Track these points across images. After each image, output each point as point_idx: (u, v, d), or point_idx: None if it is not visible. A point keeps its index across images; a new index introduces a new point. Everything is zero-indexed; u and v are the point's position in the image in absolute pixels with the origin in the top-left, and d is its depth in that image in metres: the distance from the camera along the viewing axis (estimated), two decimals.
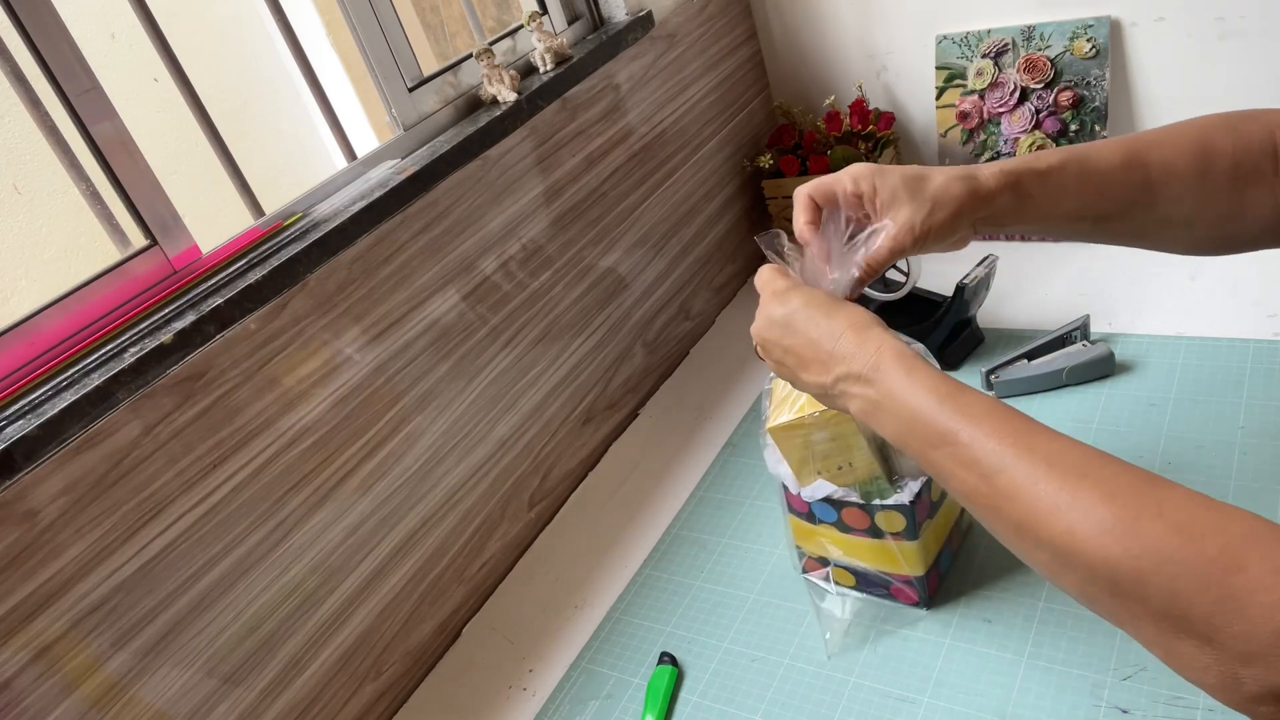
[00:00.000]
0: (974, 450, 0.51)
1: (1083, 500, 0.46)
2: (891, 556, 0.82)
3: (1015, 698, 0.74)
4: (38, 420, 0.66)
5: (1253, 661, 0.40)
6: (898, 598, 0.85)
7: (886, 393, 0.57)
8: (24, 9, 0.72)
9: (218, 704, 0.79)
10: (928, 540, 0.81)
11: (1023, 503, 0.48)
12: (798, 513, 0.85)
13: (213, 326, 0.76)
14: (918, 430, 0.55)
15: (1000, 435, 0.51)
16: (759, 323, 0.68)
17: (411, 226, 0.94)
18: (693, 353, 1.36)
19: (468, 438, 1.02)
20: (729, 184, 1.44)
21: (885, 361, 0.58)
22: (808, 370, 0.63)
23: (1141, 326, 1.07)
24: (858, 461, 0.77)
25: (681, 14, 1.32)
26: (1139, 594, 0.43)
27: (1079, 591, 0.47)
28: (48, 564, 0.68)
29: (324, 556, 0.88)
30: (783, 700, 0.80)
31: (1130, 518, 0.44)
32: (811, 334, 0.63)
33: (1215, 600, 0.40)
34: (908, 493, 0.78)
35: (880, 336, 0.60)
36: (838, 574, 0.87)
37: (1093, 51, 1.23)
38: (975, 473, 0.51)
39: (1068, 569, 0.46)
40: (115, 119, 0.78)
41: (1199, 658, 0.42)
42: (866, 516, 0.80)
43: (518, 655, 0.96)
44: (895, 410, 0.57)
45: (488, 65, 1.06)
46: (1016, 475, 0.49)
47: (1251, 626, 0.39)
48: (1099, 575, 0.44)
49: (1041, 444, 0.49)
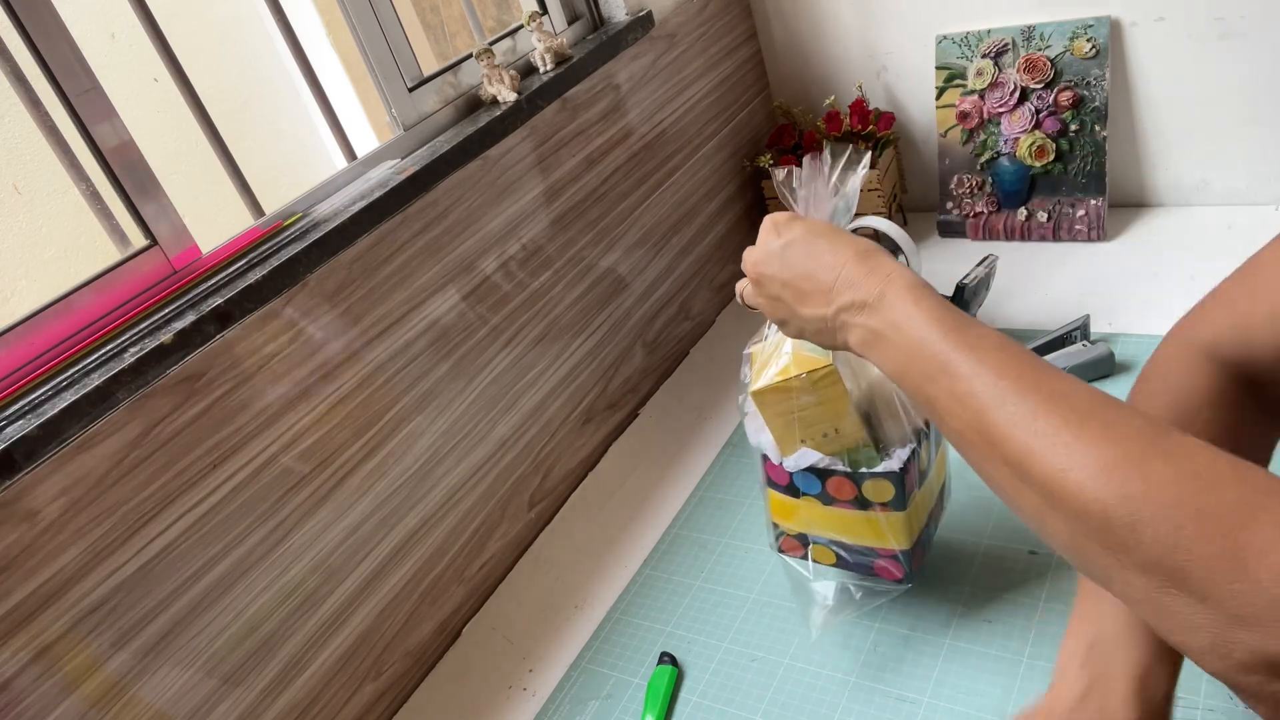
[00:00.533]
0: (973, 384, 0.48)
1: (1084, 439, 0.43)
2: (878, 529, 0.77)
3: (1015, 698, 0.74)
4: (38, 420, 0.66)
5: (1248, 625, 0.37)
6: (881, 575, 0.81)
7: (890, 322, 0.54)
8: (24, 9, 0.72)
9: (218, 704, 0.79)
10: (915, 511, 0.77)
11: (1018, 440, 0.45)
12: (777, 486, 0.80)
13: (213, 326, 0.76)
14: (918, 362, 0.52)
15: (1003, 370, 0.48)
16: (755, 255, 0.64)
17: (411, 226, 0.94)
18: (693, 353, 1.36)
19: (467, 438, 1.02)
20: (729, 184, 1.44)
21: (892, 290, 0.55)
22: (806, 303, 0.60)
23: (1141, 326, 1.07)
24: (844, 427, 0.73)
25: (681, 14, 1.32)
26: (1132, 540, 0.40)
27: (1066, 540, 0.44)
28: (48, 564, 0.68)
29: (324, 556, 0.88)
30: (783, 700, 0.80)
31: (1135, 458, 0.41)
32: (812, 264, 0.60)
33: (1219, 554, 0.37)
34: (896, 460, 0.74)
35: (888, 265, 0.56)
36: (818, 552, 0.83)
37: (1093, 51, 1.23)
38: (971, 407, 0.48)
39: (1057, 512, 0.43)
40: (115, 119, 0.78)
41: (1190, 617, 0.39)
42: (854, 486, 0.75)
43: (518, 655, 0.96)
44: (897, 341, 0.53)
45: (488, 65, 1.06)
46: (1016, 412, 0.46)
47: (1253, 587, 0.37)
48: (1091, 519, 0.41)
49: (1047, 382, 0.46)
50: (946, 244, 1.39)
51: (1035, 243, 1.32)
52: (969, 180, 1.36)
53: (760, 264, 0.63)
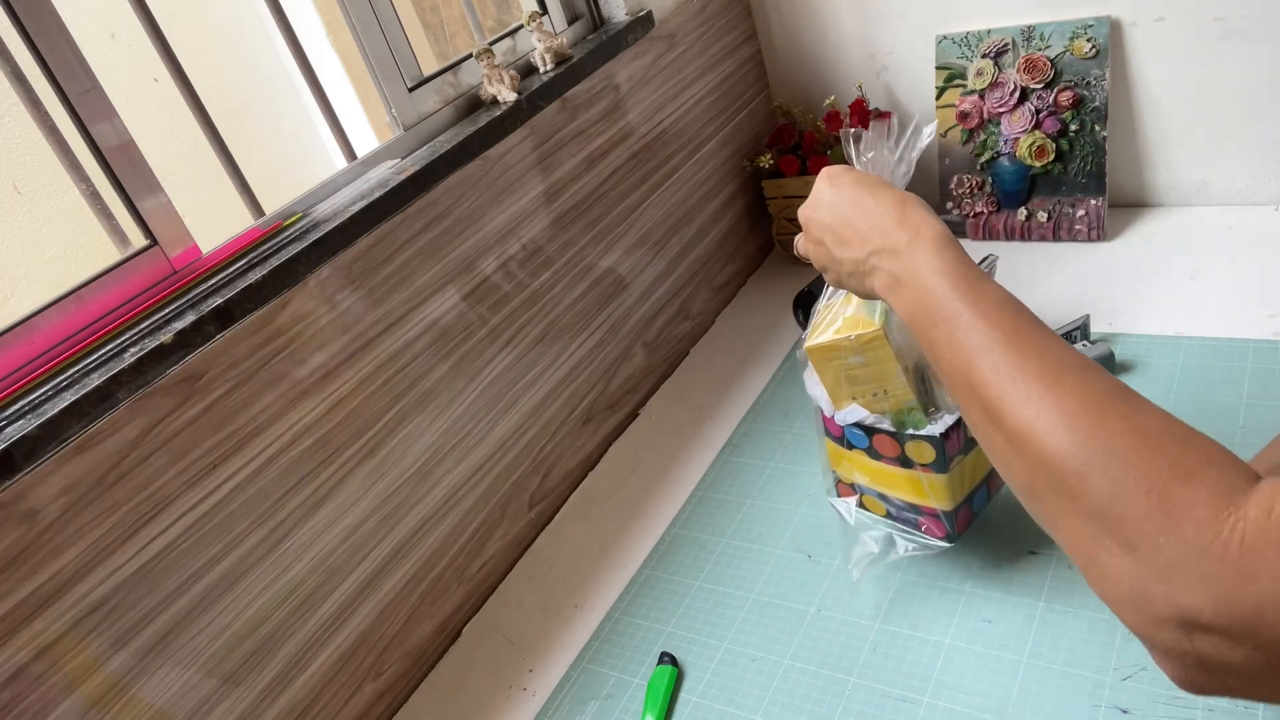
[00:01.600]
0: (967, 331, 0.52)
1: (1055, 392, 0.46)
2: (920, 488, 0.81)
3: (1015, 698, 0.74)
4: (38, 420, 0.66)
5: (1168, 577, 0.39)
6: (926, 531, 0.84)
7: (910, 269, 0.58)
8: (24, 9, 0.72)
9: (218, 704, 0.79)
10: (959, 475, 0.80)
11: (997, 386, 0.49)
12: (832, 436, 0.84)
13: (213, 326, 0.76)
14: (927, 307, 0.56)
15: (997, 322, 0.51)
16: (807, 203, 0.69)
17: (411, 226, 0.94)
18: (693, 353, 1.36)
19: (468, 438, 1.02)
20: (729, 184, 1.44)
21: (919, 240, 0.59)
22: (845, 247, 0.64)
23: (1141, 326, 1.07)
24: (892, 389, 0.77)
25: (681, 14, 1.32)
26: (1080, 488, 0.43)
27: (1024, 481, 0.47)
28: (48, 564, 0.68)
29: (324, 556, 0.88)
30: (783, 700, 0.80)
31: (1097, 414, 0.44)
32: (854, 212, 0.64)
33: (1154, 505, 0.40)
34: (941, 424, 0.77)
35: (921, 215, 0.60)
36: (869, 502, 0.86)
37: (1093, 51, 1.23)
38: (962, 352, 0.52)
39: (1022, 454, 0.46)
40: (115, 119, 0.78)
41: (1115, 566, 0.41)
42: (897, 445, 0.79)
43: (518, 655, 0.96)
44: (913, 286, 0.57)
45: (488, 65, 1.06)
46: (999, 360, 0.50)
47: (1178, 539, 0.39)
48: (1048, 464, 0.44)
49: (1035, 339, 0.50)
50: None
51: (1035, 243, 1.32)
52: (969, 180, 1.36)
53: (810, 209, 0.68)
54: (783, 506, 1.01)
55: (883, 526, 0.87)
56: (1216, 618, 0.38)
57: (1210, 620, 0.38)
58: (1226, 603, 0.37)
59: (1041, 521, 0.47)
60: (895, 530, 0.86)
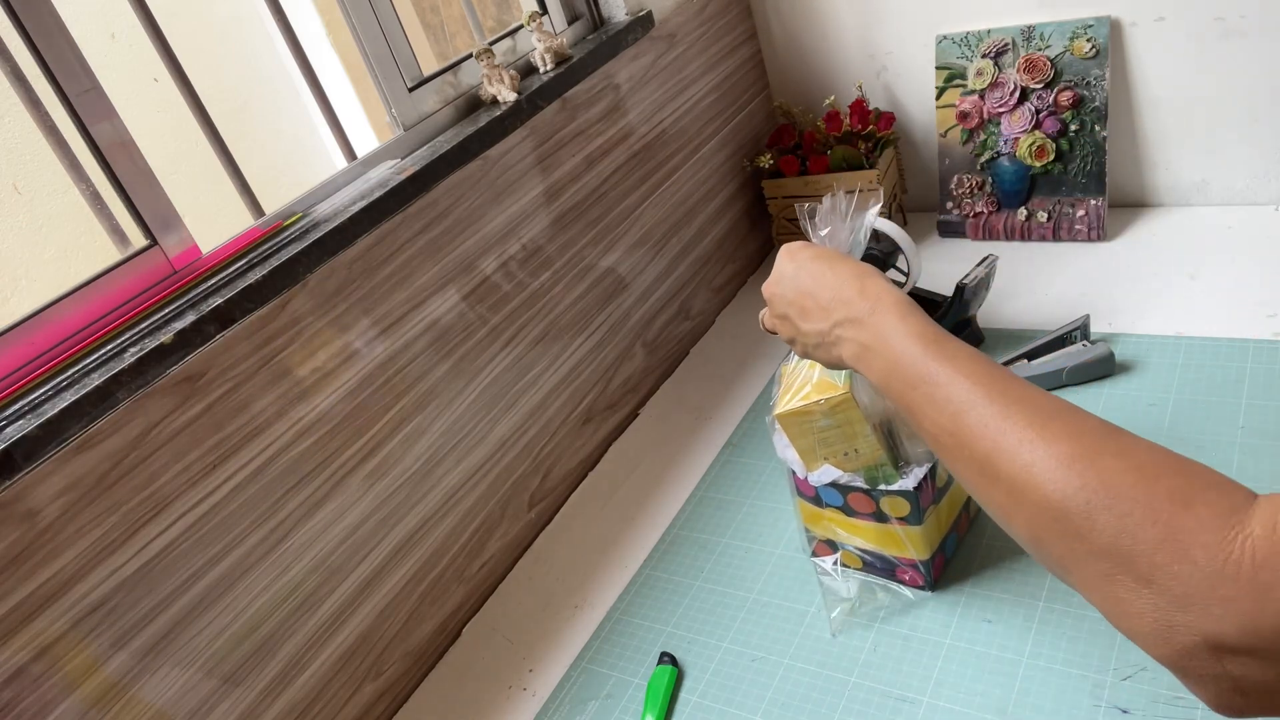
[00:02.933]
0: (948, 390, 0.53)
1: (1046, 437, 0.47)
2: (897, 540, 0.82)
3: (1015, 698, 0.74)
4: (38, 420, 0.66)
5: (1188, 606, 0.39)
6: (904, 581, 0.86)
7: (878, 335, 0.59)
8: (24, 9, 0.72)
9: (218, 704, 0.79)
10: (932, 525, 0.82)
11: (988, 439, 0.49)
12: (805, 497, 0.86)
13: (213, 326, 0.76)
14: (901, 371, 0.57)
15: (976, 378, 0.52)
16: (770, 279, 0.71)
17: (411, 226, 0.94)
18: (693, 353, 1.36)
19: (468, 438, 1.02)
20: (729, 184, 1.44)
21: (881, 307, 0.60)
22: (808, 319, 0.66)
23: (1141, 326, 1.07)
24: (863, 448, 0.79)
25: (681, 14, 1.32)
26: (1086, 529, 0.43)
27: (1028, 530, 0.47)
28: (48, 564, 0.68)
29: (324, 556, 0.88)
30: (783, 700, 0.80)
31: (1092, 455, 0.45)
32: (814, 285, 0.66)
33: (1160, 536, 0.40)
34: (912, 478, 0.79)
35: (880, 285, 0.62)
36: (846, 557, 0.88)
37: (1093, 51, 1.23)
38: (947, 411, 0.52)
39: (1022, 503, 0.47)
40: (115, 119, 0.78)
41: (1135, 602, 0.41)
42: (872, 501, 0.81)
43: (518, 655, 0.96)
44: (883, 352, 0.58)
45: (488, 65, 1.06)
46: (986, 414, 0.50)
47: (1191, 568, 0.39)
48: (1051, 508, 0.45)
49: (1015, 389, 0.51)
50: (946, 244, 1.39)
51: (1035, 243, 1.32)
52: (969, 180, 1.36)
53: (772, 285, 0.70)
54: (782, 506, 1.01)
55: (858, 579, 0.89)
56: (1242, 639, 0.38)
57: (1237, 642, 0.38)
58: (1250, 622, 0.38)
59: (1052, 569, 0.47)
60: (875, 582, 0.88)
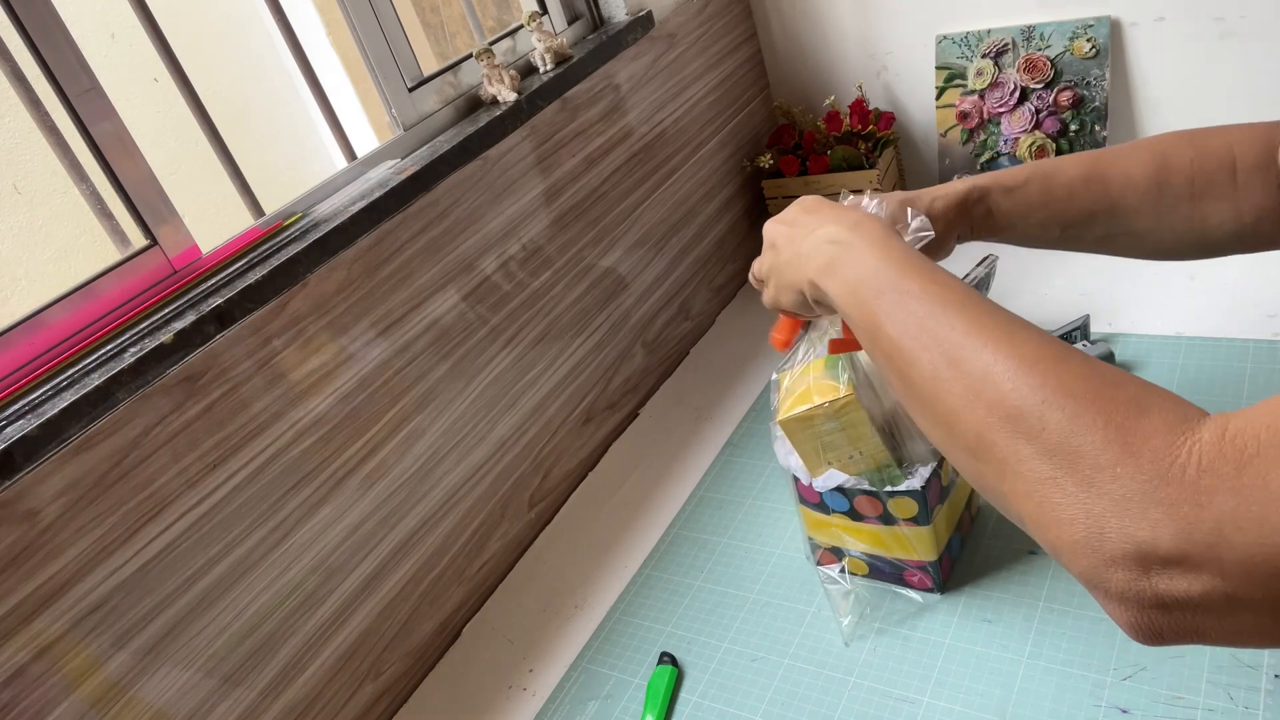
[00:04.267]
0: (916, 299, 0.53)
1: (1014, 342, 0.47)
2: (905, 543, 0.82)
3: (1015, 698, 0.74)
4: (38, 420, 0.66)
5: (1125, 509, 0.38)
6: (912, 584, 0.86)
7: (855, 250, 0.59)
8: (24, 9, 0.72)
9: (218, 704, 0.79)
10: (939, 525, 0.81)
11: (951, 342, 0.49)
12: (809, 504, 0.86)
13: (213, 326, 0.76)
14: (871, 280, 0.56)
15: (950, 290, 0.52)
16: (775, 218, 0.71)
17: (411, 226, 0.94)
18: (693, 353, 1.36)
19: (468, 438, 1.02)
20: (729, 184, 1.44)
21: (867, 226, 0.61)
22: (793, 242, 0.66)
23: (1141, 326, 1.07)
24: (867, 449, 0.78)
25: (681, 14, 1.32)
26: (1038, 426, 0.43)
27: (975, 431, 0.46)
28: (48, 564, 0.68)
29: (324, 556, 0.88)
30: (783, 700, 0.80)
31: (1055, 360, 0.45)
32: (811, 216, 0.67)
33: (1112, 436, 0.40)
34: (919, 478, 0.78)
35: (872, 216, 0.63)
36: (852, 564, 0.88)
37: (1093, 51, 1.23)
38: (915, 316, 0.52)
39: (975, 404, 0.46)
40: (115, 119, 0.78)
41: (1069, 507, 0.40)
42: (879, 504, 0.80)
43: (518, 655, 0.96)
44: (856, 262, 0.59)
45: (488, 65, 1.06)
46: (955, 319, 0.50)
47: (1135, 469, 0.39)
48: (1004, 406, 0.45)
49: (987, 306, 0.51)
50: None
51: None
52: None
53: (775, 221, 0.71)
54: (783, 506, 1.01)
55: (865, 586, 0.88)
56: (1175, 544, 0.37)
57: (1169, 549, 0.37)
58: (1186, 527, 0.37)
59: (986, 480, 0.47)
60: (882, 587, 0.88)
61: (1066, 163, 0.75)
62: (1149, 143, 0.73)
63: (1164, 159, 0.71)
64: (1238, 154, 0.68)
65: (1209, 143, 0.70)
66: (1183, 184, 0.70)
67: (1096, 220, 0.74)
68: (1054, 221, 0.75)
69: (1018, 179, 0.75)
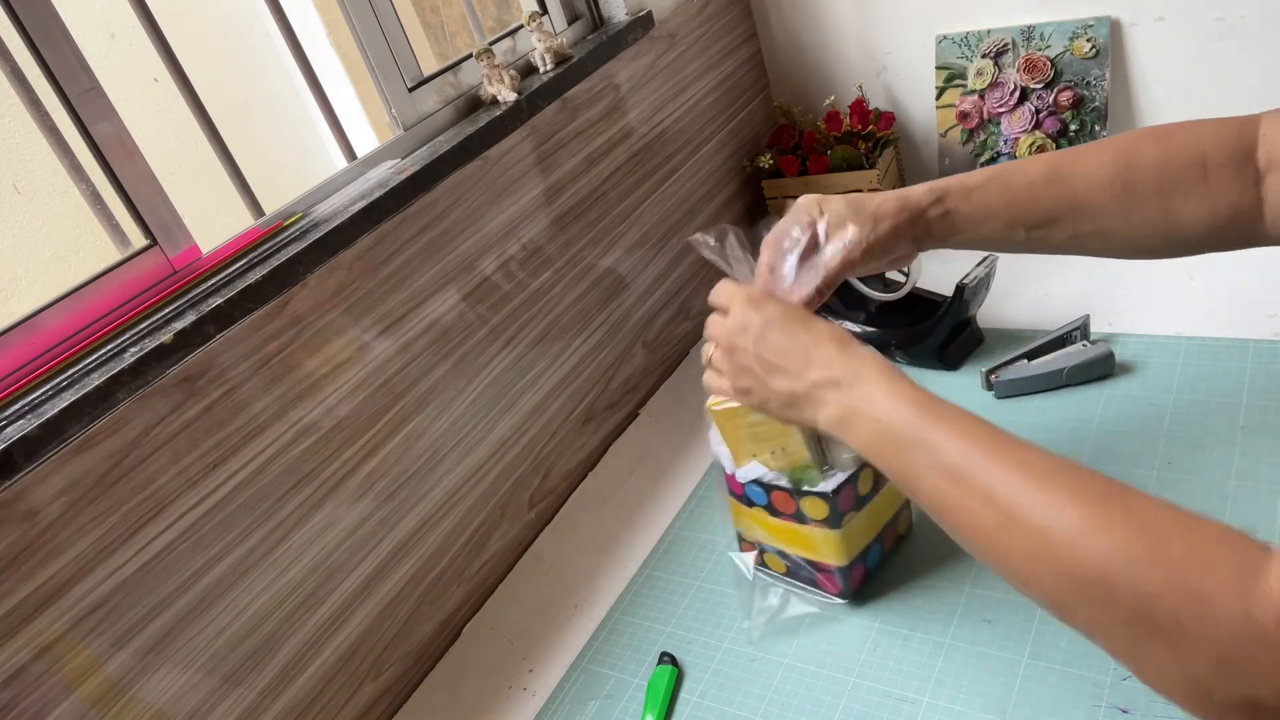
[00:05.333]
0: (947, 454, 0.52)
1: (1056, 501, 0.46)
2: (815, 544, 0.83)
3: (1015, 698, 0.74)
4: (38, 420, 0.66)
5: (1218, 670, 0.39)
6: (822, 587, 0.87)
7: (864, 398, 0.59)
8: (24, 9, 0.72)
9: (218, 704, 0.79)
10: (851, 532, 0.82)
11: (996, 505, 0.49)
12: (734, 494, 0.87)
13: (213, 326, 0.76)
14: (893, 435, 0.56)
15: (972, 438, 0.52)
16: (729, 326, 0.70)
17: (411, 226, 0.94)
18: (693, 353, 1.36)
19: (468, 438, 1.02)
20: (729, 184, 1.44)
21: (867, 369, 0.60)
22: (776, 376, 0.65)
23: (1141, 326, 1.07)
24: (789, 447, 0.79)
25: (681, 14, 1.32)
26: (1107, 596, 0.43)
27: (1051, 596, 0.47)
28: (48, 564, 0.68)
29: (324, 556, 0.88)
30: (783, 700, 0.80)
31: (1100, 518, 0.44)
32: (787, 342, 0.65)
33: (1181, 598, 0.40)
34: (831, 481, 0.79)
35: (862, 349, 0.62)
36: (771, 560, 0.89)
37: (1093, 51, 1.23)
38: (948, 476, 0.52)
39: (1039, 570, 0.47)
40: (115, 119, 0.78)
41: (1165, 664, 0.41)
42: (793, 501, 0.82)
43: (518, 655, 0.96)
44: (870, 416, 0.58)
45: (488, 65, 1.06)
46: (989, 477, 0.49)
47: (1215, 631, 0.39)
48: (1071, 575, 0.45)
49: (1012, 450, 0.50)
50: None
51: None
52: None
53: (735, 335, 0.69)
54: None
55: (781, 584, 0.90)
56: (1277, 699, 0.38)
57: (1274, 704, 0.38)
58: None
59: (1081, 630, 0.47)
60: (792, 587, 0.89)
61: (1028, 163, 0.74)
62: (1113, 141, 0.72)
63: (1128, 157, 0.70)
64: (1208, 150, 0.67)
65: (1177, 139, 0.69)
66: (1149, 181, 0.69)
67: (1062, 220, 0.72)
68: (1018, 223, 0.73)
69: (977, 180, 0.74)
